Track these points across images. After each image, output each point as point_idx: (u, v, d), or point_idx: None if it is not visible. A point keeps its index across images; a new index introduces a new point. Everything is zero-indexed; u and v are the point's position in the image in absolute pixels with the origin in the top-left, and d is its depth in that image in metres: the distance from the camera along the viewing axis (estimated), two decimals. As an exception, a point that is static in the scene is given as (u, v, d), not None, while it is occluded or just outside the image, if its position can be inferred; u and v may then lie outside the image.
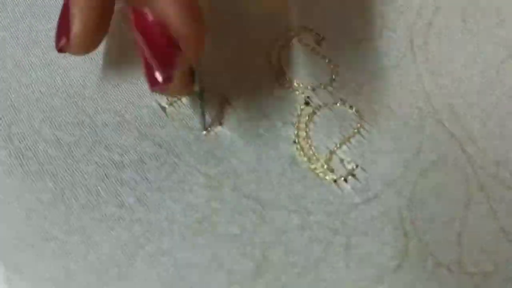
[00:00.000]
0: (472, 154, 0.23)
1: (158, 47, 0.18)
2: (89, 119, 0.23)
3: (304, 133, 0.24)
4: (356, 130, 0.24)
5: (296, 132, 0.24)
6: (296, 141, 0.23)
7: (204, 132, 0.23)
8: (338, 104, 0.25)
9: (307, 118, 0.24)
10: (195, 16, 0.18)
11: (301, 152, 0.23)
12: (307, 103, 0.24)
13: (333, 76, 0.25)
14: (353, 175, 0.22)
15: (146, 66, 0.19)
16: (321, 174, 0.22)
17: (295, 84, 0.25)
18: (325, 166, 0.23)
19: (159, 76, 0.19)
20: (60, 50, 0.21)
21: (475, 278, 0.20)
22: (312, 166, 0.23)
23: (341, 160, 0.23)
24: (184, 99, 0.24)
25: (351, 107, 0.24)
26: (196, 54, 0.19)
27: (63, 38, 0.21)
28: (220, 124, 0.24)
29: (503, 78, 0.25)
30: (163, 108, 0.24)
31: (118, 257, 0.20)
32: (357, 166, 0.23)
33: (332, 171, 0.23)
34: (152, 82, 0.19)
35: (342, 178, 0.22)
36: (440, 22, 0.27)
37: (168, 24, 0.18)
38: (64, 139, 0.23)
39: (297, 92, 0.25)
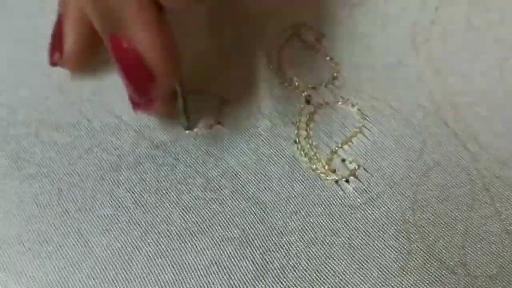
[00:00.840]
0: (476, 153, 0.22)
1: (134, 74, 0.18)
2: (87, 121, 0.23)
3: (305, 133, 0.23)
4: (358, 129, 0.23)
5: (296, 131, 0.23)
6: (297, 140, 0.23)
7: (188, 132, 0.23)
8: (339, 103, 0.24)
9: (307, 117, 0.24)
10: (166, 45, 0.18)
11: (302, 152, 0.23)
12: (307, 102, 0.24)
13: (334, 74, 0.25)
14: (355, 176, 0.22)
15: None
16: (322, 175, 0.22)
17: (295, 82, 0.25)
18: (326, 167, 0.22)
19: (138, 100, 0.20)
20: (53, 64, 0.23)
21: (479, 280, 0.20)
22: (313, 167, 0.22)
23: (343, 160, 0.22)
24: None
25: (353, 105, 0.24)
26: (170, 82, 0.19)
27: (57, 53, 0.22)
28: (219, 122, 0.23)
29: (506, 76, 0.24)
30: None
31: (115, 259, 0.20)
32: (359, 166, 0.22)
33: (333, 171, 0.22)
34: (135, 105, 0.20)
35: (344, 179, 0.22)
36: (443, 20, 0.27)
37: (141, 52, 0.18)
38: (61, 141, 0.23)
39: (297, 91, 0.24)
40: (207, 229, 0.21)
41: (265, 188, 0.22)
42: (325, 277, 0.20)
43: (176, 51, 0.19)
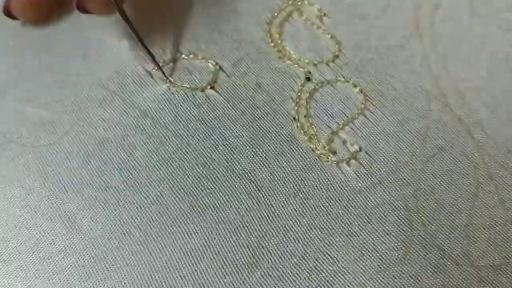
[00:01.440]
0: (481, 140, 0.21)
1: None
2: (73, 95, 0.21)
3: (305, 111, 0.22)
4: (360, 111, 0.22)
5: (296, 108, 0.22)
6: (296, 118, 0.21)
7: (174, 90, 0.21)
8: (341, 82, 0.23)
9: (308, 94, 0.22)
10: None
11: (301, 130, 0.21)
12: (308, 79, 0.22)
13: (336, 53, 0.24)
14: (356, 159, 0.21)
15: None
16: (322, 156, 0.21)
17: (295, 58, 0.23)
18: (327, 147, 0.21)
19: None
20: (4, 12, 0.22)
21: (482, 271, 0.19)
22: (313, 146, 0.21)
23: (344, 142, 0.21)
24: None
25: (355, 85, 0.23)
26: None
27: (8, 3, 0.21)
28: (212, 87, 0.22)
29: (512, 63, 0.24)
30: (149, 73, 0.22)
31: (104, 243, 0.18)
32: (360, 149, 0.21)
33: (334, 153, 0.21)
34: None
35: (345, 161, 0.21)
36: (447, 4, 0.26)
37: None
38: (47, 118, 0.21)
39: (296, 66, 0.23)
40: (200, 211, 0.19)
41: (261, 166, 0.20)
42: (323, 265, 0.18)
43: None
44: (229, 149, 0.20)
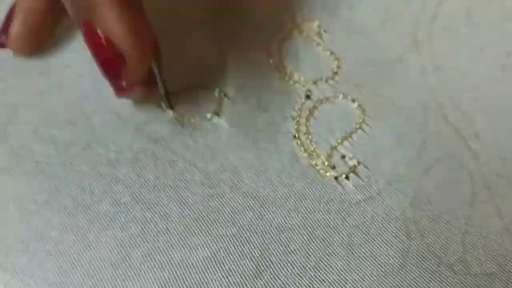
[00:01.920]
0: (477, 150, 0.22)
1: (106, 58, 0.19)
2: (85, 118, 0.23)
3: (305, 128, 0.23)
4: (358, 126, 0.23)
5: (296, 126, 0.23)
6: (296, 136, 0.23)
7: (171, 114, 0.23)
8: (340, 98, 0.24)
9: (307, 112, 0.23)
10: (138, 32, 0.18)
11: (302, 147, 0.22)
12: (308, 97, 0.24)
13: (335, 69, 0.25)
14: (355, 172, 0.22)
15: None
16: (321, 171, 0.22)
17: (295, 77, 0.24)
18: (326, 163, 0.22)
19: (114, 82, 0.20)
20: (1, 45, 0.23)
21: (479, 279, 0.20)
22: (313, 162, 0.22)
23: (343, 157, 0.22)
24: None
25: (353, 101, 0.24)
26: (140, 66, 0.19)
27: (3, 36, 0.23)
28: (218, 115, 0.23)
29: (509, 72, 0.24)
30: (158, 105, 0.23)
31: (113, 256, 0.20)
32: (359, 163, 0.22)
33: (333, 168, 0.22)
34: (118, 89, 0.21)
35: (344, 176, 0.22)
36: (445, 15, 0.26)
37: (112, 38, 0.18)
38: (60, 138, 0.22)
39: (297, 85, 0.24)
40: (205, 226, 0.20)
41: (264, 184, 0.21)
42: (324, 275, 0.20)
43: (147, 35, 0.19)
44: (234, 171, 0.22)
